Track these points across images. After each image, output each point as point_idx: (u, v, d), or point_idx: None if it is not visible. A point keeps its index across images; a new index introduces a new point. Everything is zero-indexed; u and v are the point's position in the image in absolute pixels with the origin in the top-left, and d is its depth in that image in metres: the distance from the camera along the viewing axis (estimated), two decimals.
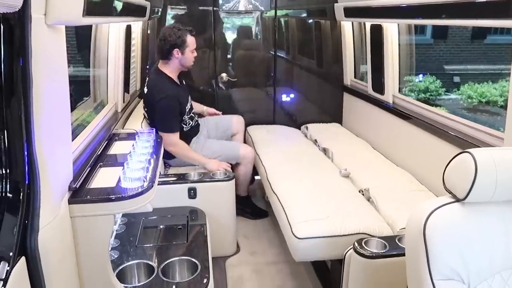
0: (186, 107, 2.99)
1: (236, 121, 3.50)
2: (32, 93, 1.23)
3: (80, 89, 3.04)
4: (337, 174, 2.83)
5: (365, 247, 1.86)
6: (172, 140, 2.84)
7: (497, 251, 1.23)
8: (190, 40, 2.82)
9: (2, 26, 1.13)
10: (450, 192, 1.26)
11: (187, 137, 3.03)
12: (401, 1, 2.50)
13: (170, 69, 2.88)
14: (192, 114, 3.10)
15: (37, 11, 1.21)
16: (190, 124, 3.06)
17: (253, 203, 3.38)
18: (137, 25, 3.33)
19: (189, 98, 3.09)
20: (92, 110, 2.73)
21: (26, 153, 1.25)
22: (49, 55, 1.32)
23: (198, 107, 3.39)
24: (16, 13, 1.13)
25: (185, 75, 3.50)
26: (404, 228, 1.44)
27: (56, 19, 1.29)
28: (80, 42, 4.31)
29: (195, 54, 2.91)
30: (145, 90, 2.92)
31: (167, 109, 2.79)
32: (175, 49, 2.78)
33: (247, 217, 3.29)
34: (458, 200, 1.24)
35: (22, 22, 1.16)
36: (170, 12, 3.80)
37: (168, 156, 2.96)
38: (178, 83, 2.99)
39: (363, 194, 2.53)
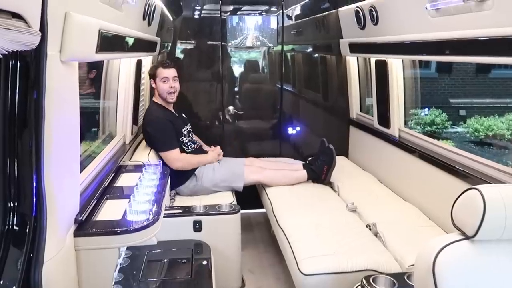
0: (183, 129, 3.13)
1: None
2: (44, 125, 1.25)
3: (89, 121, 3.09)
4: (343, 208, 2.80)
5: (373, 285, 1.81)
6: (174, 156, 2.96)
7: None
8: (159, 72, 3.06)
9: (19, 63, 1.17)
10: (459, 229, 1.24)
11: None
12: (405, 38, 2.56)
13: (158, 98, 3.13)
14: (192, 139, 3.22)
15: (53, 48, 1.25)
16: (192, 147, 3.17)
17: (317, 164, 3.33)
18: (148, 59, 3.42)
19: (187, 126, 3.21)
20: (101, 142, 2.76)
21: (34, 184, 1.26)
22: (61, 89, 1.36)
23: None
24: (33, 51, 1.17)
25: (190, 107, 3.57)
26: (413, 265, 1.41)
27: (70, 55, 1.34)
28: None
29: (170, 84, 3.06)
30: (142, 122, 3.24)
31: (158, 129, 2.98)
32: (151, 80, 3.11)
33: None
34: (467, 237, 1.22)
35: (38, 58, 1.20)
36: (180, 47, 3.91)
37: (176, 183, 2.99)
38: (173, 111, 3.17)
39: (370, 229, 2.49)
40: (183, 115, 3.30)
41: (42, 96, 1.24)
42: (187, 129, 3.19)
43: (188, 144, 3.14)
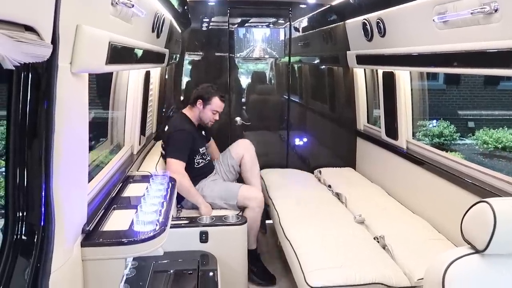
0: (200, 149, 3.12)
1: (241, 144, 3.39)
2: (54, 135, 1.27)
3: (98, 131, 3.13)
4: (351, 220, 2.78)
5: None
6: (176, 167, 2.85)
7: None
8: (215, 101, 3.07)
9: (30, 75, 1.19)
10: (469, 243, 1.23)
11: (197, 175, 3.08)
12: (413, 50, 2.56)
13: (192, 114, 3.15)
14: (204, 156, 3.18)
15: (64, 60, 1.27)
16: (201, 163, 3.14)
17: (262, 262, 3.10)
18: (156, 71, 3.46)
19: (205, 146, 3.21)
20: (109, 152, 2.78)
21: (43, 194, 1.27)
22: (71, 100, 1.38)
23: (215, 151, 3.46)
24: (44, 62, 1.19)
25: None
26: (422, 278, 1.39)
27: (81, 67, 1.35)
28: (99, 86, 4.48)
29: (217, 117, 3.12)
30: (166, 128, 3.23)
31: (178, 139, 2.98)
32: (199, 100, 3.08)
33: (251, 278, 2.92)
34: (477, 251, 1.20)
35: (49, 70, 1.22)
36: (188, 58, 3.95)
37: (179, 196, 2.98)
38: (196, 127, 3.16)
39: (378, 242, 2.46)
40: (203, 132, 3.28)
41: (53, 106, 1.25)
42: (204, 150, 3.16)
43: (200, 161, 3.11)
